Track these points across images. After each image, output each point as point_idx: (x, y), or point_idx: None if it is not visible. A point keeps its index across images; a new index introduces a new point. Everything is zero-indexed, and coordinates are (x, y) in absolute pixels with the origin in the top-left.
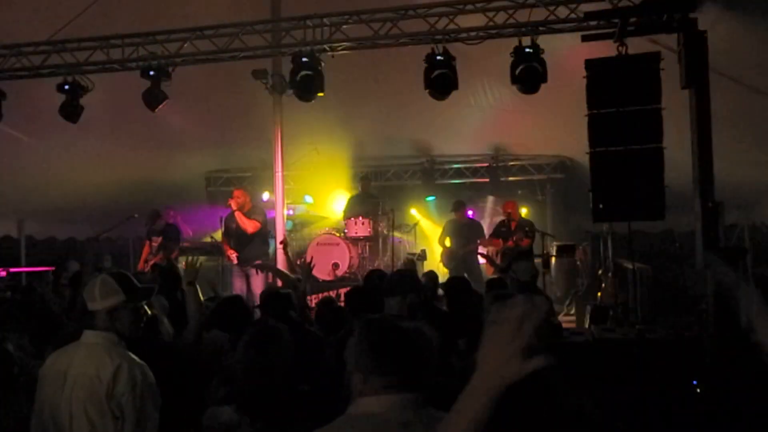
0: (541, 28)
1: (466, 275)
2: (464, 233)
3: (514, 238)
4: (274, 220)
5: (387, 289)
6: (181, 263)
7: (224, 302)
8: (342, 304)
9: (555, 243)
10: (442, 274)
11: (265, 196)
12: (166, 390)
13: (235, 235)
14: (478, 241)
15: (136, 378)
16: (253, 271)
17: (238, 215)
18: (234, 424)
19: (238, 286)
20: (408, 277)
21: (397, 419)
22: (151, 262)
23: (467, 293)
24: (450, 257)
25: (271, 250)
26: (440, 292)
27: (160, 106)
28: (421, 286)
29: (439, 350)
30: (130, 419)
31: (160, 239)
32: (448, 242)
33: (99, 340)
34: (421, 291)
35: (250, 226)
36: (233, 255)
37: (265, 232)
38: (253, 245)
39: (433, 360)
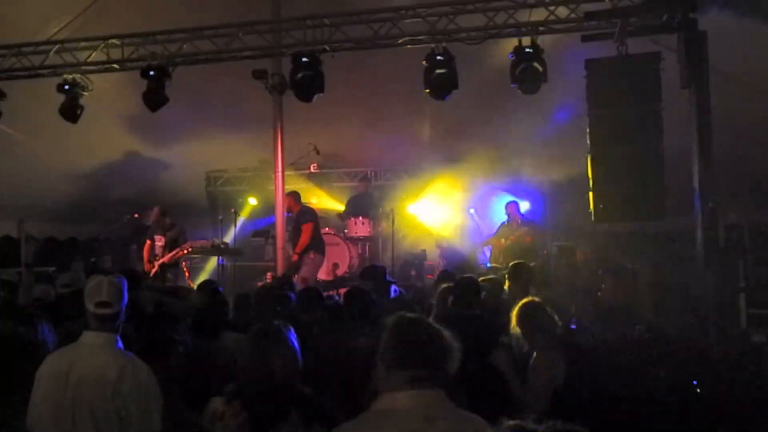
0: (541, 28)
1: None
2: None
3: (516, 235)
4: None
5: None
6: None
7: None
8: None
9: (555, 243)
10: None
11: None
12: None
13: (290, 233)
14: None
15: (141, 378)
16: (307, 258)
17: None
18: (219, 413)
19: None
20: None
21: (421, 414)
22: (159, 262)
23: (476, 294)
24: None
25: None
26: None
27: (161, 107)
28: None
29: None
30: (134, 419)
31: (164, 238)
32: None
33: (100, 341)
34: None
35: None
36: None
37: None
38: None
39: (453, 360)
